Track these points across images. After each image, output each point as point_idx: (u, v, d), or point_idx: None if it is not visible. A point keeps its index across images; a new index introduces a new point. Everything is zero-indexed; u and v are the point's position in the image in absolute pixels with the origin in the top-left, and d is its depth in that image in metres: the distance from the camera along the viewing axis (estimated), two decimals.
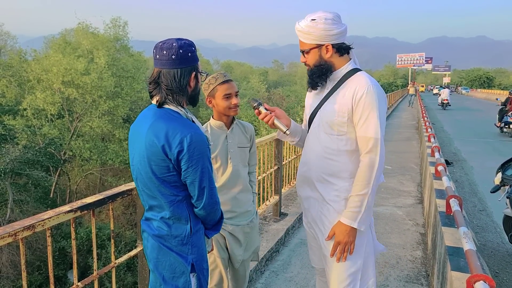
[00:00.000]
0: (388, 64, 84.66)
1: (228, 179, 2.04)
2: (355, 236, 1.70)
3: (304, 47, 1.75)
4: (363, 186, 1.65)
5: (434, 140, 6.96)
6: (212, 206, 1.47)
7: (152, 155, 1.39)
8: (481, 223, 5.31)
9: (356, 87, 1.68)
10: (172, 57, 1.41)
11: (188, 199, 1.46)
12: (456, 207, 2.83)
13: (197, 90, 1.52)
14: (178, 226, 1.46)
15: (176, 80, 1.42)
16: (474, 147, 11.27)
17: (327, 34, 1.68)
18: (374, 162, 1.65)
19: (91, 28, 24.49)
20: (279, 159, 4.19)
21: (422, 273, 3.34)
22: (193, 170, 1.38)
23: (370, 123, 1.64)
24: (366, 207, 1.66)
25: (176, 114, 1.43)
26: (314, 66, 1.75)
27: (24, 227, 1.40)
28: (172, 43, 1.42)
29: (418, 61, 71.35)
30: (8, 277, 13.20)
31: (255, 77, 40.20)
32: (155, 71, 1.44)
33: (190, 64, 1.45)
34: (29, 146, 17.70)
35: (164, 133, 1.36)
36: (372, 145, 1.65)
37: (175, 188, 1.42)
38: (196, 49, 1.50)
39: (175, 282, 1.47)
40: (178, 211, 1.44)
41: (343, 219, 1.69)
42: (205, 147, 1.40)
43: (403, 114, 20.19)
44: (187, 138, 1.35)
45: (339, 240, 1.69)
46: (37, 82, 19.45)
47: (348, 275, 1.73)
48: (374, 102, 1.65)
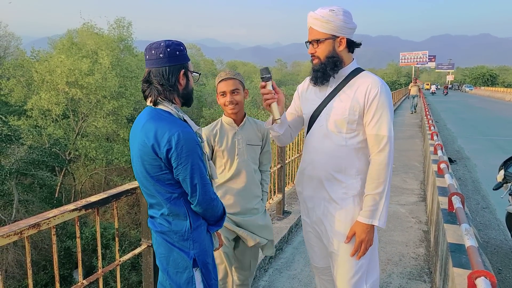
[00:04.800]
0: (391, 63, 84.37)
1: (233, 175, 2.07)
2: (374, 233, 1.74)
3: (318, 36, 1.70)
4: (379, 184, 1.67)
5: (437, 138, 6.95)
6: (207, 203, 1.49)
7: (144, 155, 1.43)
8: (484, 220, 5.30)
9: (368, 86, 1.68)
10: (160, 55, 1.46)
11: (185, 196, 1.49)
12: (458, 204, 2.84)
13: (188, 89, 1.56)
14: (178, 222, 1.49)
15: (165, 78, 1.46)
16: (477, 145, 11.23)
17: (345, 26, 1.68)
18: (388, 160, 1.68)
19: (96, 29, 24.62)
20: (282, 157, 4.21)
21: (425, 270, 3.35)
22: (183, 168, 1.41)
23: (383, 122, 1.67)
24: (383, 205, 1.68)
25: (166, 114, 1.46)
26: (326, 58, 1.71)
27: (29, 225, 1.43)
28: (160, 43, 1.48)
29: (422, 59, 70.96)
30: (14, 276, 13.30)
31: (258, 76, 40.14)
32: (146, 71, 1.50)
33: (179, 62, 1.49)
34: (34, 146, 17.82)
35: (154, 133, 1.40)
36: (385, 144, 1.67)
37: (170, 186, 1.46)
38: (185, 49, 1.54)
39: (179, 277, 1.50)
40: (176, 208, 1.48)
41: (362, 218, 1.70)
42: (193, 144, 1.42)
43: (406, 113, 20.11)
44: (174, 136, 1.38)
45: (362, 239, 1.70)
46: (42, 83, 19.58)
47: (356, 271, 1.75)
48: (387, 101, 1.68)
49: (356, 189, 1.75)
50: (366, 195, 1.70)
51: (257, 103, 28.90)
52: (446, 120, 18.18)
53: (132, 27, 25.82)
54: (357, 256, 1.74)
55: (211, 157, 2.11)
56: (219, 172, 2.11)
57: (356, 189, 1.75)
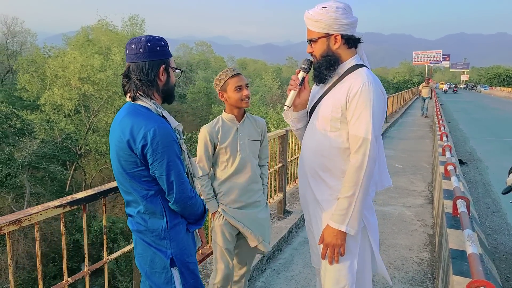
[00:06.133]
0: (404, 62, 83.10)
1: (236, 170, 2.11)
2: (344, 239, 1.64)
3: (312, 35, 1.69)
4: (350, 187, 1.59)
5: (447, 139, 6.78)
6: (185, 201, 1.45)
7: (120, 150, 1.40)
8: (494, 225, 5.15)
9: (351, 83, 1.62)
10: (140, 50, 1.43)
11: (162, 193, 1.45)
12: (463, 208, 2.73)
13: (169, 85, 1.52)
14: (154, 221, 1.46)
15: (144, 73, 1.43)
16: (490, 147, 10.96)
17: (337, 23, 1.62)
18: (362, 163, 1.57)
19: (111, 26, 24.89)
20: (284, 156, 4.14)
21: (428, 276, 3.25)
22: (159, 164, 1.37)
23: (362, 122, 1.57)
24: (354, 210, 1.59)
25: (144, 110, 1.43)
26: (321, 57, 1.69)
27: (10, 221, 1.40)
28: (141, 38, 1.45)
29: (435, 58, 69.80)
30: (24, 268, 13.56)
31: (268, 74, 40.04)
32: (126, 66, 1.47)
33: (159, 57, 1.46)
34: (46, 140, 18.11)
35: (129, 128, 1.37)
36: (360, 146, 1.58)
37: (146, 183, 1.42)
38: (167, 45, 1.50)
39: (157, 277, 1.47)
40: (152, 206, 1.44)
41: (331, 222, 1.64)
42: (170, 140, 1.38)
43: (417, 112, 19.77)
44: (150, 132, 1.35)
45: (327, 243, 1.65)
46: (55, 78, 19.88)
47: (341, 278, 1.68)
48: (369, 100, 1.57)
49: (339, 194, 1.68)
50: (339, 198, 1.64)
51: (266, 101, 28.82)
52: (458, 120, 17.83)
53: (145, 24, 26.01)
54: (328, 261, 1.67)
55: (213, 154, 2.13)
56: (221, 168, 2.13)
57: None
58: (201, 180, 2.12)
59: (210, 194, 2.14)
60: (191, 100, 31.55)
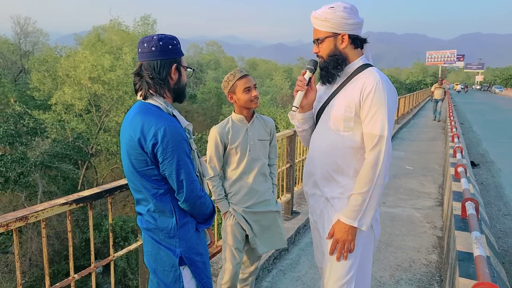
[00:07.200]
0: (417, 62, 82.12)
1: (246, 170, 2.14)
2: (355, 235, 1.66)
3: (319, 35, 1.69)
4: (365, 184, 1.61)
5: (458, 140, 6.69)
6: (194, 200, 1.46)
7: (130, 149, 1.41)
8: (505, 227, 5.05)
9: (364, 82, 1.63)
10: (152, 48, 1.43)
11: (172, 192, 1.46)
12: (472, 210, 2.70)
13: (180, 84, 1.52)
14: (164, 219, 1.47)
15: (156, 71, 1.44)
16: (503, 148, 10.75)
17: (344, 23, 1.64)
18: (377, 160, 1.60)
19: (123, 26, 25.12)
20: (292, 156, 4.14)
21: (436, 278, 3.21)
22: (169, 163, 1.38)
23: (377, 120, 1.59)
24: (368, 206, 1.62)
25: (154, 108, 1.44)
26: (328, 57, 1.69)
27: (17, 218, 1.43)
28: (153, 36, 1.46)
29: (449, 58, 68.73)
30: (38, 265, 13.79)
31: (278, 74, 40.01)
32: (138, 64, 1.48)
33: (171, 56, 1.46)
34: (58, 139, 18.40)
35: (140, 127, 1.38)
36: (377, 143, 1.60)
37: (156, 181, 1.43)
38: (179, 44, 1.51)
39: (166, 276, 1.48)
40: (162, 204, 1.45)
41: (342, 217, 1.65)
42: (180, 139, 1.39)
43: (429, 113, 19.50)
44: (160, 131, 1.36)
45: (338, 238, 1.66)
46: (66, 78, 20.16)
47: (344, 275, 1.68)
48: (383, 98, 1.60)
49: (352, 190, 1.68)
50: (352, 194, 1.65)
51: (276, 102, 28.77)
52: (472, 122, 17.52)
53: (157, 25, 26.19)
54: (336, 257, 1.67)
55: (223, 155, 2.16)
56: (232, 168, 2.15)
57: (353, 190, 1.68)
58: (212, 180, 2.14)
59: (221, 194, 2.16)
60: (201, 100, 31.71)
